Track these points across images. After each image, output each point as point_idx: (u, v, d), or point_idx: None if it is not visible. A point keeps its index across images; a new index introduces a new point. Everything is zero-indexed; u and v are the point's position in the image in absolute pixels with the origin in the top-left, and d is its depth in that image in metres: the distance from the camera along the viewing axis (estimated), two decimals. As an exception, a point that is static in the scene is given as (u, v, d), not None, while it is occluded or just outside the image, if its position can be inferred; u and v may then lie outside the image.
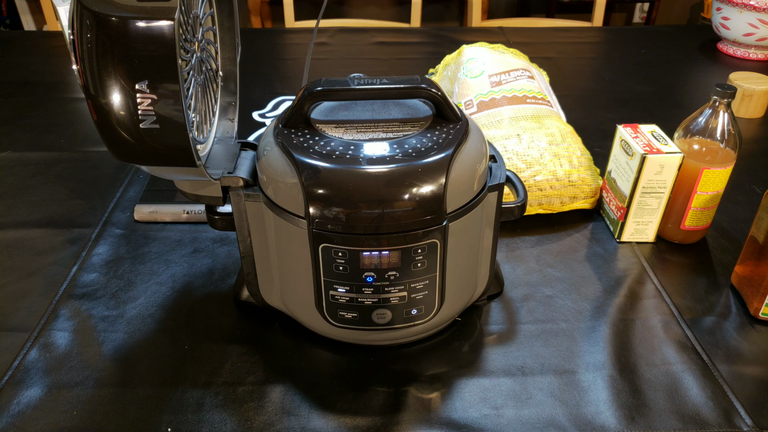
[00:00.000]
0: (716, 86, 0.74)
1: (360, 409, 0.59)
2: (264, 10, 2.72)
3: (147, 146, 0.52)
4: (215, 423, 0.57)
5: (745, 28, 1.37)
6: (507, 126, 0.87)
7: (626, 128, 0.80)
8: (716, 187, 0.77)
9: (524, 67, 0.97)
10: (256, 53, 1.42)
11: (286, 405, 0.59)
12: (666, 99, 1.23)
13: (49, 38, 1.52)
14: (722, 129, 0.75)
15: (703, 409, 0.59)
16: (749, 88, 1.12)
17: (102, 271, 0.76)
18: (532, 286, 0.74)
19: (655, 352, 0.65)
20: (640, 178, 0.76)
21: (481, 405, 0.59)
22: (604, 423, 0.58)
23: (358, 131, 0.59)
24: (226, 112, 0.74)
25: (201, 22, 0.62)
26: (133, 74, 0.48)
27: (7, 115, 1.15)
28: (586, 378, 0.62)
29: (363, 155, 0.55)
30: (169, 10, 0.47)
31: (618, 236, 0.82)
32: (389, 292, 0.57)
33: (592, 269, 0.77)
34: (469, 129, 0.59)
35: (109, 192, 0.91)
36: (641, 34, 1.67)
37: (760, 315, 0.68)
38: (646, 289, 0.74)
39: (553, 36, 1.58)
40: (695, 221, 0.79)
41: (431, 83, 0.59)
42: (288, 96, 1.22)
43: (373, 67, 1.37)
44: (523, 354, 0.65)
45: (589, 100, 1.22)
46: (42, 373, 0.62)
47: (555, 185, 0.83)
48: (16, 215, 0.86)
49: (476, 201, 0.58)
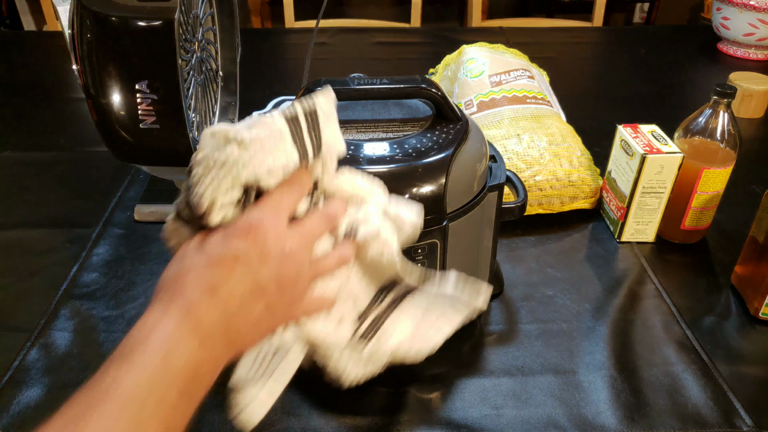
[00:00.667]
0: (716, 86, 0.74)
1: (360, 409, 0.59)
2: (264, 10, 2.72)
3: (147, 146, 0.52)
4: (215, 423, 0.57)
5: (745, 28, 1.36)
6: (507, 126, 0.87)
7: (626, 128, 0.80)
8: (716, 187, 0.77)
9: (524, 67, 0.97)
10: (256, 53, 1.42)
11: (286, 405, 0.59)
12: (666, 99, 1.23)
13: (49, 38, 1.52)
14: (722, 129, 0.75)
15: (703, 409, 0.59)
16: (749, 88, 1.12)
17: (102, 271, 0.76)
18: (532, 286, 0.74)
19: (655, 352, 0.65)
20: (640, 178, 0.76)
21: (481, 405, 0.59)
22: (604, 423, 0.58)
23: (358, 131, 0.59)
24: (226, 112, 0.74)
25: (201, 22, 0.62)
26: (133, 74, 0.48)
27: (7, 115, 1.15)
28: (586, 378, 0.62)
29: (363, 155, 0.55)
30: (169, 10, 0.47)
31: (618, 236, 0.82)
32: (389, 292, 0.57)
33: (592, 269, 0.77)
34: (469, 129, 0.59)
35: (109, 192, 0.91)
36: (641, 34, 1.67)
37: (760, 315, 0.68)
38: (646, 289, 0.74)
39: (553, 36, 1.57)
40: (695, 221, 0.79)
41: (431, 83, 0.59)
42: (288, 96, 1.22)
43: (373, 67, 1.37)
44: (523, 354, 0.65)
45: (589, 100, 1.22)
46: (42, 373, 0.62)
47: (555, 185, 0.83)
48: (16, 215, 0.86)
49: (476, 201, 0.58)
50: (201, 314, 0.35)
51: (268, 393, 0.40)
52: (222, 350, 0.37)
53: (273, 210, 0.39)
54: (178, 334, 0.34)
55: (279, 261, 0.37)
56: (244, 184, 0.37)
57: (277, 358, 0.40)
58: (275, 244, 0.37)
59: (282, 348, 0.40)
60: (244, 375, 0.39)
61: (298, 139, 0.39)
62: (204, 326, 0.35)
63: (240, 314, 0.36)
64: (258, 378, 0.39)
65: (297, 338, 0.42)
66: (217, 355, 0.37)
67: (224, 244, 0.37)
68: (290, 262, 0.38)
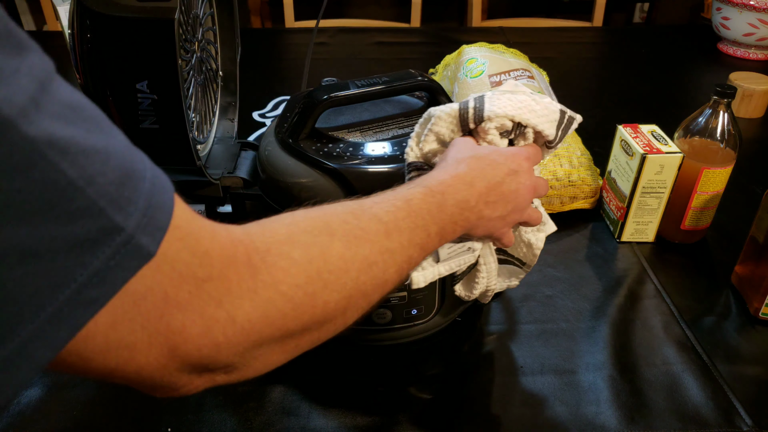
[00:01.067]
0: (716, 86, 0.74)
1: (360, 409, 0.59)
2: (264, 10, 2.72)
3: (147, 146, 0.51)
4: (215, 423, 0.57)
5: (745, 28, 1.36)
6: (507, 126, 0.87)
7: (626, 128, 0.80)
8: (716, 187, 0.77)
9: (524, 67, 0.97)
10: (256, 53, 1.42)
11: (286, 405, 0.59)
12: (666, 99, 1.23)
13: (49, 38, 1.52)
14: (722, 129, 0.75)
15: (703, 409, 0.59)
16: (749, 88, 1.12)
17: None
18: (532, 286, 0.74)
19: (655, 352, 0.65)
20: (640, 178, 0.76)
21: (482, 405, 0.59)
22: (604, 423, 0.58)
23: (360, 132, 0.59)
24: (226, 112, 0.74)
25: (201, 22, 0.62)
26: (133, 74, 0.48)
27: (7, 115, 1.15)
28: (586, 378, 0.62)
29: (364, 155, 0.55)
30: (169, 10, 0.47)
31: (618, 236, 0.82)
32: (389, 291, 0.57)
33: (592, 269, 0.77)
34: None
35: (109, 192, 0.91)
36: (641, 34, 1.67)
37: (760, 315, 0.68)
38: (646, 289, 0.74)
39: (553, 36, 1.57)
40: (695, 221, 0.79)
41: (423, 74, 0.59)
42: (288, 96, 1.22)
43: (373, 67, 1.37)
44: (523, 354, 0.65)
45: (589, 100, 1.22)
46: (42, 373, 0.62)
47: (555, 185, 0.83)
48: (16, 215, 0.86)
49: (476, 201, 0.58)
50: (469, 207, 0.45)
51: (442, 269, 0.50)
52: (462, 230, 0.46)
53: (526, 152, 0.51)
54: (452, 203, 0.44)
55: (524, 189, 0.49)
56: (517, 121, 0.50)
57: (463, 252, 0.50)
58: (526, 175, 0.49)
59: (469, 250, 0.51)
60: (441, 253, 0.50)
61: (560, 126, 0.53)
62: (465, 213, 0.45)
63: (485, 217, 0.46)
64: (444, 258, 0.50)
65: (482, 247, 0.53)
66: (460, 231, 0.45)
67: (500, 165, 0.48)
68: (528, 191, 0.49)
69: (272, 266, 0.33)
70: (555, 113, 0.52)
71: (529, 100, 0.51)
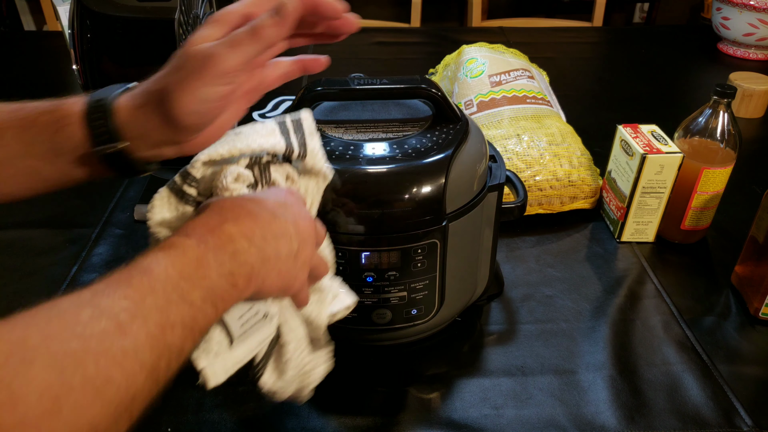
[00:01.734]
0: (716, 86, 0.74)
1: (360, 409, 0.59)
2: (264, 10, 2.72)
3: (147, 146, 0.52)
4: (215, 423, 0.57)
5: (745, 28, 1.36)
6: (507, 126, 0.87)
7: (626, 128, 0.80)
8: (716, 187, 0.77)
9: (524, 67, 0.97)
10: (256, 53, 1.42)
11: (286, 405, 0.59)
12: (666, 99, 1.23)
13: (49, 38, 1.52)
14: (722, 129, 0.75)
15: (703, 409, 0.59)
16: (749, 88, 1.12)
17: (102, 271, 0.76)
18: (532, 286, 0.74)
19: (655, 352, 0.65)
20: (640, 178, 0.76)
21: (481, 405, 0.59)
22: (604, 423, 0.58)
23: (358, 131, 0.59)
24: (226, 112, 0.74)
25: (201, 22, 0.62)
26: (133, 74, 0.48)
27: (7, 115, 1.15)
28: (586, 378, 0.62)
29: (363, 155, 0.55)
30: (169, 10, 0.47)
31: (618, 236, 0.82)
32: (389, 292, 0.57)
33: (592, 269, 0.77)
34: (469, 129, 0.59)
35: (109, 192, 0.91)
36: (641, 34, 1.67)
37: (760, 315, 0.68)
38: (646, 289, 0.74)
39: (553, 36, 1.57)
40: (695, 221, 0.79)
41: (431, 83, 0.59)
42: (288, 96, 1.22)
43: (373, 67, 1.37)
44: (523, 354, 0.65)
45: (589, 100, 1.22)
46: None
47: (555, 185, 0.83)
48: (16, 215, 0.86)
49: (476, 201, 0.58)
50: (240, 249, 0.37)
51: (240, 352, 0.41)
52: (246, 284, 0.37)
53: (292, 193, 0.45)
54: (213, 253, 0.36)
55: (304, 221, 0.43)
56: (249, 154, 0.44)
57: (259, 321, 0.42)
58: (299, 207, 0.43)
59: (265, 317, 0.42)
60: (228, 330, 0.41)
61: (285, 133, 0.48)
62: (240, 258, 0.37)
63: (271, 258, 0.39)
64: (239, 334, 0.41)
65: (278, 313, 0.45)
66: (243, 285, 0.37)
67: (262, 201, 0.41)
68: (309, 223, 0.43)
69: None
70: (265, 128, 0.47)
71: (231, 133, 0.46)
